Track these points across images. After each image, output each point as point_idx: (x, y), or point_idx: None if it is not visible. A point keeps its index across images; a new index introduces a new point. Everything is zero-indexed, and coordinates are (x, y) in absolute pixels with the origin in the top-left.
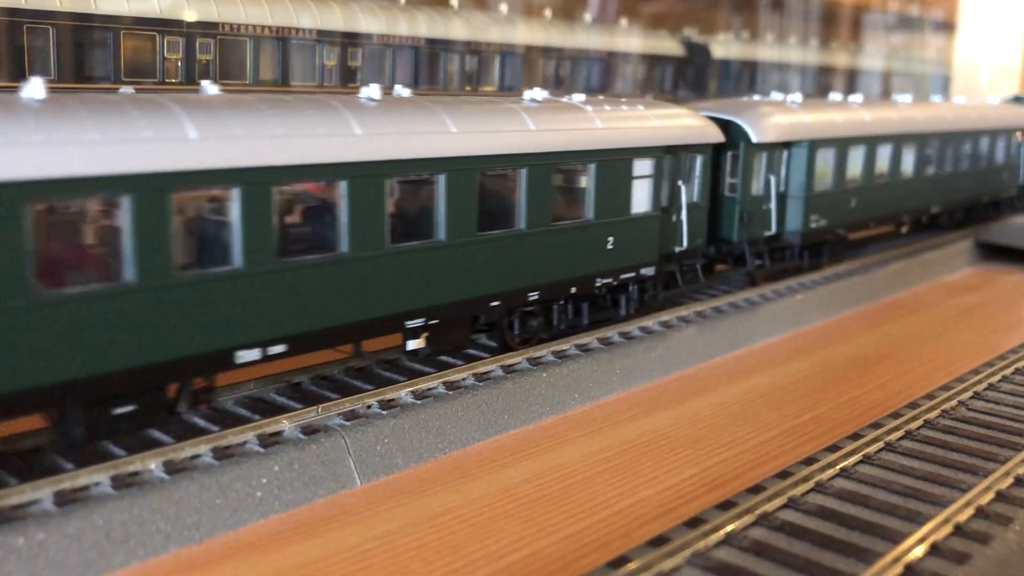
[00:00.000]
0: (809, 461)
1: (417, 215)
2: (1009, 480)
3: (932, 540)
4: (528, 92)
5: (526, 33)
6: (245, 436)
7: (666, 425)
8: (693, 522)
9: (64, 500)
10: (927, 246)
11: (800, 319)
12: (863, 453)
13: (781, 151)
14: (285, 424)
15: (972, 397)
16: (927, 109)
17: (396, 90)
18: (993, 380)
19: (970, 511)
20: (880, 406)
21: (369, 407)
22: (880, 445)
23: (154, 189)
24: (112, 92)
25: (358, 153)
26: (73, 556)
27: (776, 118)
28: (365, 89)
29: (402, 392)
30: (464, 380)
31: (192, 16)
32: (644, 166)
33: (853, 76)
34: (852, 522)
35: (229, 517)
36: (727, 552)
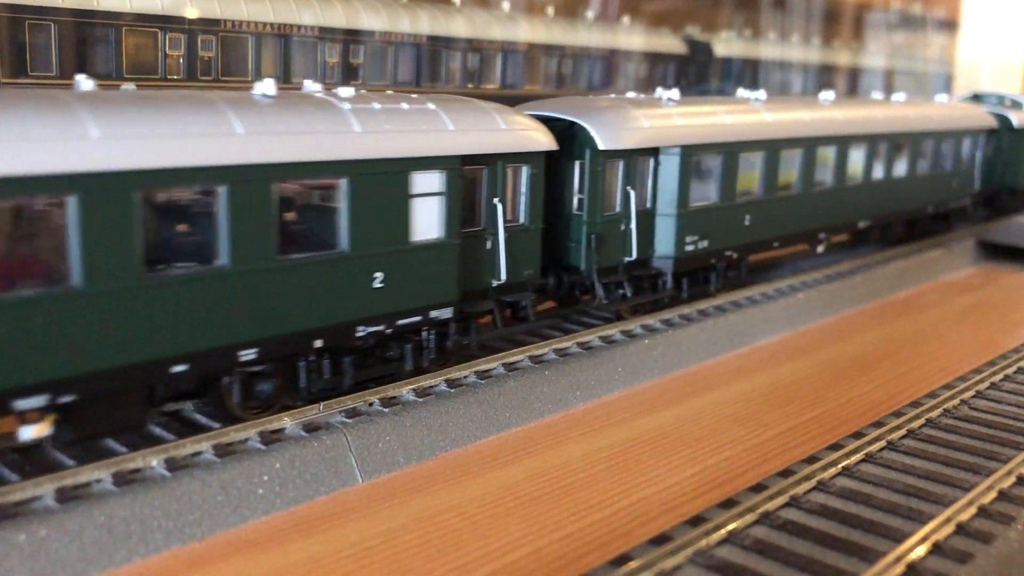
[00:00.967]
0: (811, 460)
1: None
2: (1011, 479)
3: (934, 539)
4: (261, 83)
5: (528, 31)
6: (247, 433)
7: (668, 423)
8: (695, 520)
9: (66, 497)
10: (929, 245)
11: (802, 318)
12: (865, 452)
13: (644, 160)
14: (287, 421)
15: (974, 396)
16: (855, 108)
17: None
18: (995, 379)
19: (972, 510)
20: (882, 405)
21: (371, 405)
22: (882, 444)
23: None
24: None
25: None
26: (75, 553)
27: (634, 120)
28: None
29: (404, 390)
30: (466, 378)
31: (194, 13)
32: (430, 181)
33: (855, 74)
34: (854, 521)
35: (231, 514)
36: (729, 551)
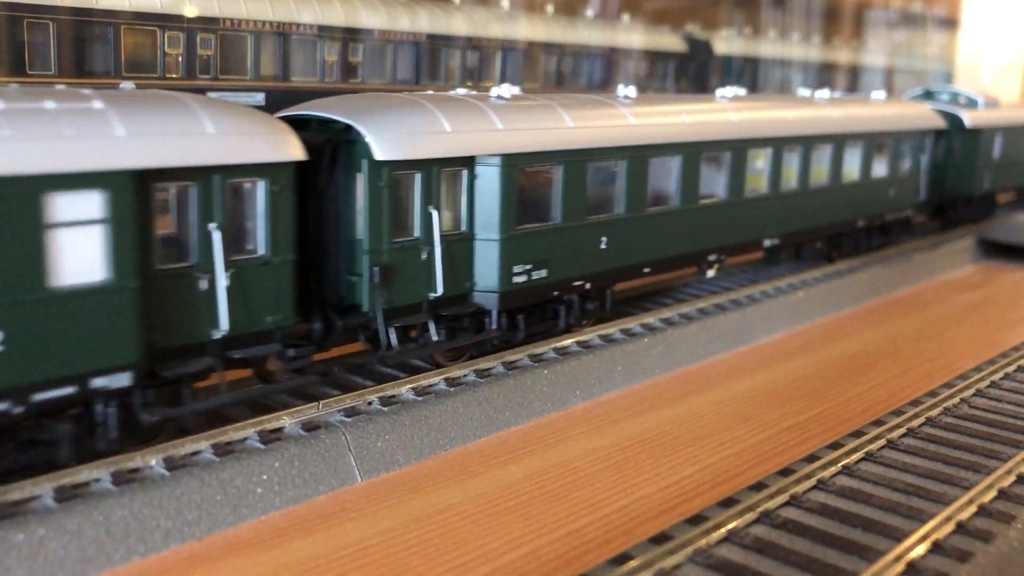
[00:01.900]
0: (811, 458)
1: None
2: (1011, 478)
3: (934, 538)
4: None
5: (528, 29)
6: (246, 432)
7: (668, 422)
8: (695, 519)
9: (64, 496)
10: (929, 244)
11: (802, 316)
12: (865, 451)
13: (454, 173)
14: (286, 420)
15: (974, 395)
16: (760, 107)
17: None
18: (995, 378)
19: (972, 509)
20: (882, 403)
21: (370, 403)
22: (882, 443)
23: None
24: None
25: None
26: (73, 552)
27: (433, 123)
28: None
29: (403, 388)
30: (465, 376)
31: (193, 11)
32: (82, 204)
33: (856, 72)
34: (854, 520)
35: (230, 513)
36: (729, 549)
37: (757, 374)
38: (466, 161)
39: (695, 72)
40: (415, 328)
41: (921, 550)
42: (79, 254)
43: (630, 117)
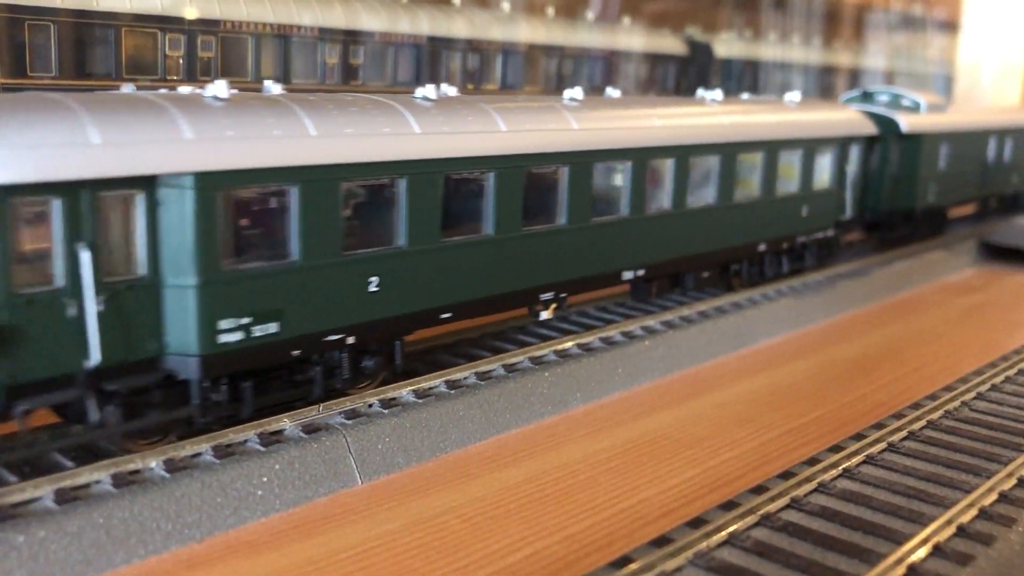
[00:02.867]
0: (812, 461)
1: None
2: (1012, 481)
3: (935, 541)
4: None
5: (528, 31)
6: (246, 434)
7: (668, 425)
8: (695, 522)
9: (65, 498)
10: (930, 247)
11: (802, 319)
12: (866, 454)
13: (121, 197)
14: (286, 423)
15: (975, 398)
16: (618, 113)
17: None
18: (996, 381)
19: (973, 512)
20: (883, 406)
21: (370, 406)
22: (883, 446)
23: None
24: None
25: None
26: (74, 554)
27: (70, 133)
28: None
29: (403, 391)
30: (466, 379)
31: (193, 13)
32: None
33: (856, 75)
34: (855, 523)
35: (230, 515)
36: (729, 552)
37: (758, 377)
38: (141, 182)
39: (695, 75)
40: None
41: (922, 553)
42: None
43: (417, 124)
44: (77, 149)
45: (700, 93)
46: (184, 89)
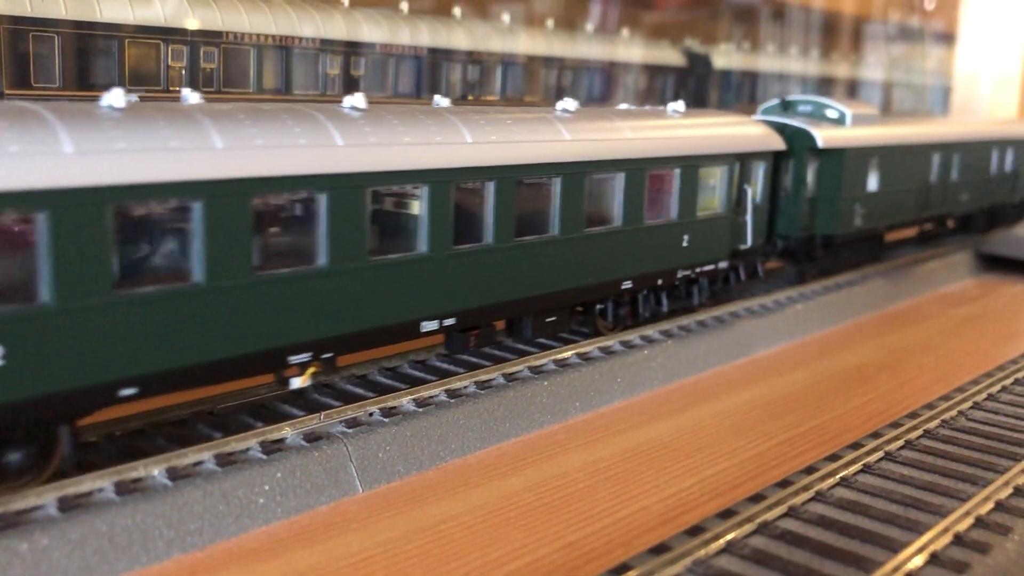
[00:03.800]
0: (809, 470)
1: None
2: (1008, 490)
3: (932, 549)
4: None
5: (528, 43)
6: (248, 443)
7: (667, 434)
8: (694, 530)
9: (68, 506)
10: (927, 257)
11: (800, 329)
12: (863, 463)
13: None
14: (287, 431)
15: (972, 407)
16: (406, 127)
17: None
18: (993, 391)
19: (969, 521)
20: (880, 416)
21: (371, 415)
22: (880, 455)
23: None
24: None
25: None
26: (76, 562)
27: None
28: None
29: (404, 400)
30: (466, 388)
31: (196, 24)
32: None
33: (854, 86)
34: (852, 531)
35: (232, 523)
36: (728, 560)
37: (756, 386)
38: None
39: (694, 86)
40: None
41: (919, 561)
42: None
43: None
44: None
45: (563, 105)
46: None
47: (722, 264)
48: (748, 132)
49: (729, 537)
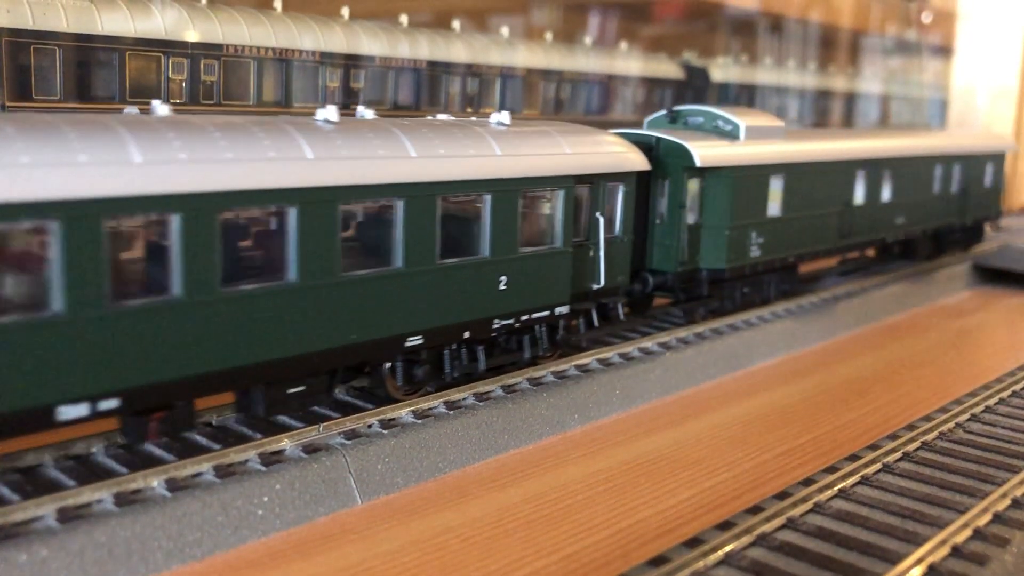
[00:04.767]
0: (808, 482)
1: None
2: (1006, 502)
3: (930, 561)
4: None
5: (526, 56)
6: (247, 454)
7: (665, 446)
8: (692, 542)
9: (67, 517)
10: (925, 269)
11: (798, 341)
12: (861, 474)
13: None
14: (286, 443)
15: (970, 419)
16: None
17: None
18: (990, 403)
19: (968, 532)
20: (878, 428)
21: (370, 426)
22: (878, 466)
23: None
24: None
25: None
26: (75, 573)
27: None
28: None
29: (403, 412)
30: (464, 400)
31: (196, 37)
32: None
33: (851, 100)
34: (850, 543)
35: (231, 535)
36: (726, 572)
37: (754, 398)
38: None
39: (692, 99)
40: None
41: (917, 573)
42: None
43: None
44: None
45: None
46: None
47: (561, 309)
48: (598, 150)
49: (727, 549)
